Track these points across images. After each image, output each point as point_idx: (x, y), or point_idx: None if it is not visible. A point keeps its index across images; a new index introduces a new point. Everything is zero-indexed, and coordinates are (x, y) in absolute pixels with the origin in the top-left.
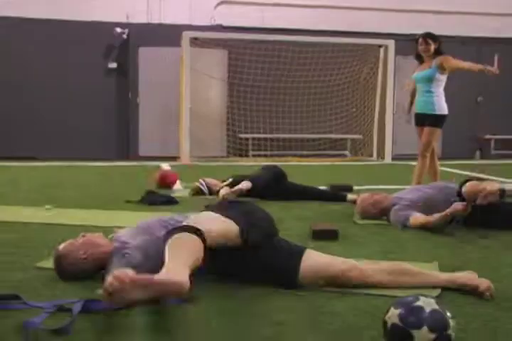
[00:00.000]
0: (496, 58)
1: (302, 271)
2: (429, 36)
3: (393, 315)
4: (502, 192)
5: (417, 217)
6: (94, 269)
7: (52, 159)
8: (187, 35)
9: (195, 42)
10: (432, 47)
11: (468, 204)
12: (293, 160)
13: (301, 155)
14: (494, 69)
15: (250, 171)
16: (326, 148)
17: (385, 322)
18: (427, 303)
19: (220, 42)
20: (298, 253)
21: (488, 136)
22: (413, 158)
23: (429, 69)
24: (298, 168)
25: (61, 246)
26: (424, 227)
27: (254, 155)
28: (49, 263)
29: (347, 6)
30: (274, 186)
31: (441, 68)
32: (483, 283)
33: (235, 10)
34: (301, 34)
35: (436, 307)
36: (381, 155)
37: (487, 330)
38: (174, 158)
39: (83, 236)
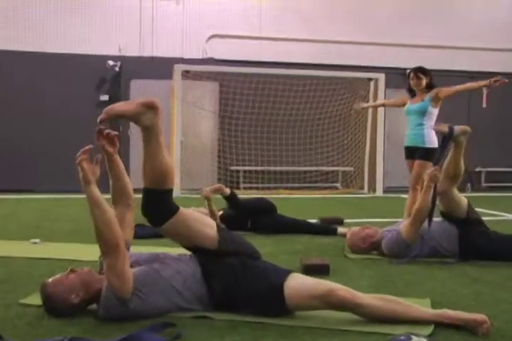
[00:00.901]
0: (484, 91)
1: (290, 291)
2: (420, 70)
3: None
4: (451, 129)
5: (403, 224)
6: (86, 306)
7: (48, 192)
8: (179, 68)
9: (186, 74)
10: (424, 81)
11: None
12: (284, 192)
13: (292, 188)
14: (500, 80)
15: None
16: (317, 180)
17: None
18: None
19: (211, 75)
20: (283, 273)
21: (478, 169)
22: (404, 190)
23: (422, 102)
24: (289, 200)
25: (49, 284)
26: (417, 219)
27: (245, 188)
28: (34, 300)
29: (338, 40)
30: (264, 217)
31: (435, 100)
32: (479, 317)
33: (227, 43)
34: (291, 67)
35: None
36: (372, 187)
37: None
38: None
39: (72, 271)
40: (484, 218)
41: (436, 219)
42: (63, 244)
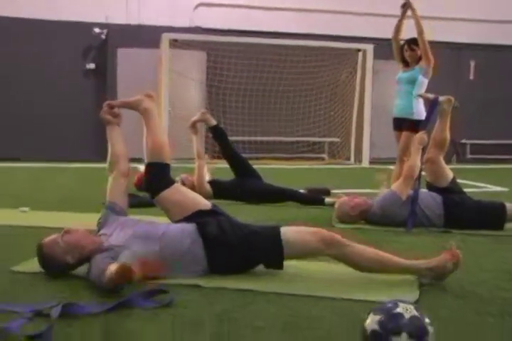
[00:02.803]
0: (472, 64)
1: (286, 231)
2: (413, 42)
3: (373, 321)
4: (436, 96)
5: (395, 183)
6: (80, 265)
7: (35, 160)
8: (166, 37)
9: (174, 44)
10: (418, 52)
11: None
12: (271, 162)
13: (279, 158)
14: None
15: (227, 173)
16: (304, 151)
17: (364, 329)
18: (407, 310)
19: (199, 44)
20: (275, 226)
21: (464, 141)
22: (391, 161)
23: (413, 70)
24: (276, 170)
25: (46, 245)
26: (408, 175)
27: None
28: (26, 267)
29: (326, 10)
30: (252, 184)
31: (423, 68)
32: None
33: (214, 12)
34: (279, 37)
35: (416, 313)
36: (358, 158)
37: (465, 335)
38: None
39: (67, 232)
40: (469, 189)
41: (422, 190)
42: (53, 213)
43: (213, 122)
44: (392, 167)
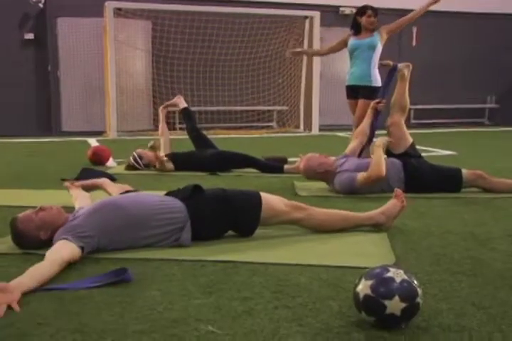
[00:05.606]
0: (414, 30)
1: (264, 195)
2: (376, 10)
3: (365, 286)
4: (395, 63)
5: (360, 175)
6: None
7: None
8: (110, 5)
9: (118, 12)
10: (376, 19)
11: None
12: (220, 132)
13: (229, 128)
14: None
15: (178, 145)
16: (253, 120)
17: (356, 294)
18: (397, 274)
19: (144, 13)
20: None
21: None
22: (338, 128)
23: (372, 37)
24: (227, 140)
25: (20, 220)
26: (372, 178)
27: (181, 129)
28: None
29: None
30: (211, 151)
31: (382, 37)
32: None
33: None
34: (225, 5)
35: (406, 277)
36: (308, 126)
37: (445, 296)
38: (99, 133)
39: (42, 209)
40: (422, 154)
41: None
42: (11, 190)
43: (184, 104)
44: (340, 134)
